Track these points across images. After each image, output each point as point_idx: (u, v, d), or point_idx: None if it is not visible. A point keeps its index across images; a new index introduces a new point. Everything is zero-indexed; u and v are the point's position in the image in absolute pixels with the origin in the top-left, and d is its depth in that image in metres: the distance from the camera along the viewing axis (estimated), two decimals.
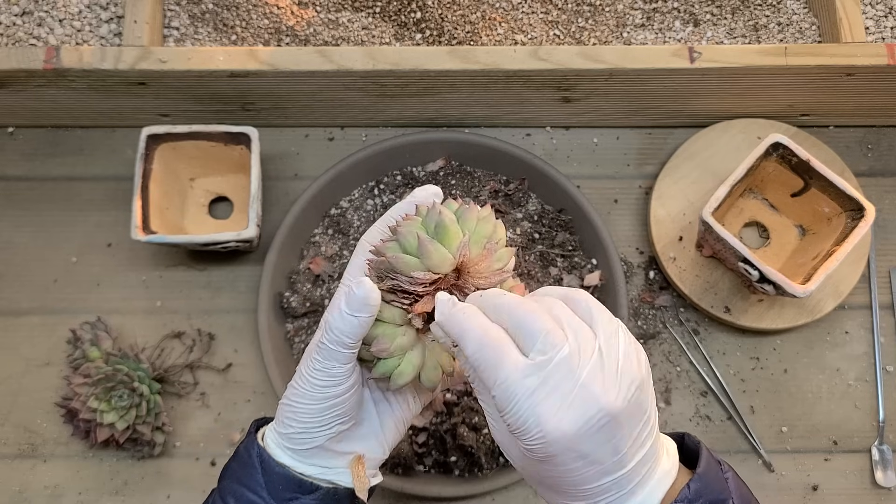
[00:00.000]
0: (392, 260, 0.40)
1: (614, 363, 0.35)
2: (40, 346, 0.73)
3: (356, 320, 0.40)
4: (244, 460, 0.44)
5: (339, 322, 0.40)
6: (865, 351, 0.75)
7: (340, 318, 0.40)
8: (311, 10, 0.79)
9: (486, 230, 0.41)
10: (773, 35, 0.79)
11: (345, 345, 0.40)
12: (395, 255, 0.40)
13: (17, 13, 0.76)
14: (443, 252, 0.39)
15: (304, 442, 0.43)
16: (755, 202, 0.76)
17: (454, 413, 0.67)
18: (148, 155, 0.70)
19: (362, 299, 0.39)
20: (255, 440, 0.44)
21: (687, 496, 0.36)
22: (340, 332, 0.40)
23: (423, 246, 0.39)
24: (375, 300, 0.40)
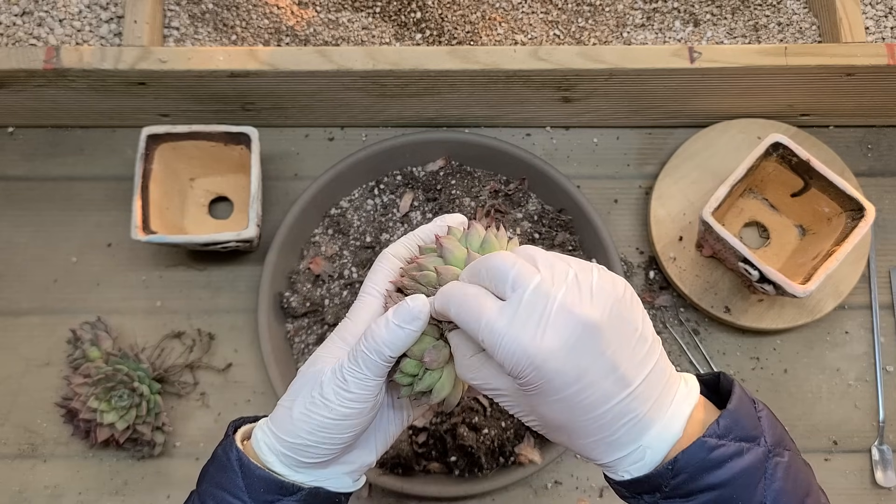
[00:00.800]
0: (442, 272, 0.40)
1: (588, 286, 0.36)
2: (40, 346, 0.73)
3: (403, 332, 0.39)
4: (223, 464, 0.43)
5: (384, 332, 0.39)
6: (865, 351, 0.75)
7: (386, 327, 0.39)
8: (311, 10, 0.79)
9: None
10: (773, 35, 0.79)
11: (383, 356, 0.40)
12: (444, 266, 0.41)
13: (17, 13, 0.76)
14: None
15: (313, 455, 0.42)
16: (755, 202, 0.76)
17: (454, 413, 0.67)
18: (148, 155, 0.71)
19: (415, 312, 0.39)
20: (234, 443, 0.43)
21: (716, 431, 0.36)
22: (383, 342, 0.39)
23: (473, 258, 0.40)
24: (427, 315, 0.40)
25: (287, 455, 0.42)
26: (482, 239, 0.42)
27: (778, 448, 0.37)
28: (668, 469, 0.36)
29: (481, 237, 0.42)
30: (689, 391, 0.38)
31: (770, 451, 0.37)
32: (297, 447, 0.42)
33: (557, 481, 0.71)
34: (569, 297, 0.35)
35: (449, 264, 0.41)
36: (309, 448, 0.41)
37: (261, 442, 0.43)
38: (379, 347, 0.40)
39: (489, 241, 0.42)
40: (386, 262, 0.44)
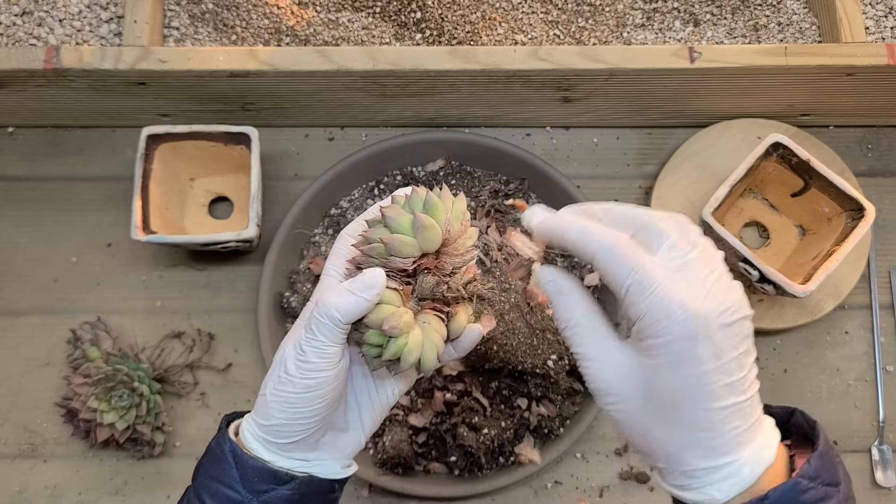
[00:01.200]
0: (388, 241, 0.40)
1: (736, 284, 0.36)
2: (40, 346, 0.73)
3: (354, 298, 0.39)
4: (217, 456, 0.43)
5: (337, 298, 0.39)
6: (865, 351, 0.75)
7: (337, 294, 0.39)
8: (311, 10, 0.79)
9: (462, 207, 0.43)
10: (773, 35, 0.79)
11: (337, 322, 0.39)
12: (390, 236, 0.40)
13: (17, 13, 0.76)
14: (435, 226, 0.41)
15: (287, 434, 0.42)
16: (755, 202, 0.76)
17: (454, 413, 0.67)
18: (148, 155, 0.70)
19: (369, 280, 0.39)
20: (227, 435, 0.44)
21: (808, 472, 0.35)
22: (336, 308, 0.39)
23: (418, 221, 0.40)
24: (382, 286, 0.40)
25: (267, 440, 0.42)
26: (423, 199, 0.41)
27: (851, 500, 0.37)
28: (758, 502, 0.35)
29: (422, 198, 0.41)
30: (772, 424, 0.38)
31: (847, 498, 0.36)
32: (273, 429, 0.42)
33: (557, 481, 0.71)
34: (725, 277, 0.35)
35: (395, 233, 0.40)
36: (283, 427, 0.42)
37: (245, 432, 0.44)
38: (329, 311, 0.39)
39: (431, 201, 0.41)
40: (343, 243, 0.44)
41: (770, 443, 0.36)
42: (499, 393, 0.68)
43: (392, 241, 0.40)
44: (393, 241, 0.40)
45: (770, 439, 0.36)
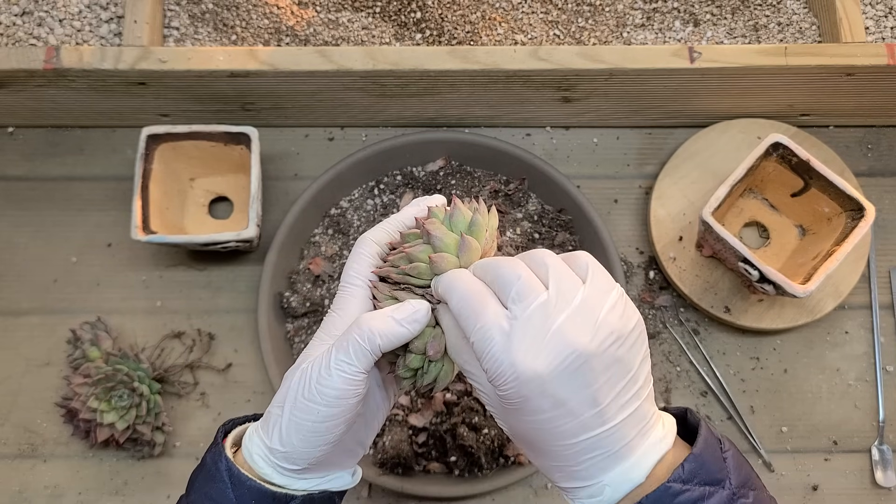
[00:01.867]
0: (436, 259, 0.40)
1: (595, 313, 0.35)
2: (40, 346, 0.73)
3: (401, 330, 0.38)
4: (212, 473, 0.41)
5: (382, 324, 0.38)
6: (865, 351, 0.75)
7: (384, 321, 0.38)
8: (311, 10, 0.79)
9: (495, 223, 0.43)
10: (773, 35, 0.79)
11: (376, 347, 0.38)
12: (438, 255, 0.40)
13: (17, 13, 0.76)
14: (479, 248, 0.41)
15: (304, 460, 0.40)
16: (755, 202, 0.76)
17: (454, 413, 0.67)
18: (148, 155, 0.71)
19: (419, 315, 0.39)
20: (223, 452, 0.41)
21: (681, 476, 0.35)
22: (379, 333, 0.38)
23: (466, 244, 0.40)
24: (425, 321, 0.39)
25: (282, 466, 0.41)
26: (469, 221, 0.41)
27: (743, 489, 0.36)
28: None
29: (467, 220, 0.41)
30: (665, 435, 0.38)
31: (735, 493, 0.36)
32: (289, 455, 0.40)
33: None
34: (569, 323, 0.34)
35: (439, 251, 0.40)
36: (302, 454, 0.40)
37: (254, 455, 0.41)
38: (374, 338, 0.38)
39: (477, 224, 0.41)
40: (367, 248, 0.43)
41: (644, 461, 0.36)
42: None
43: (439, 259, 0.40)
44: (440, 261, 0.40)
45: (648, 456, 0.36)
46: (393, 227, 0.44)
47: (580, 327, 0.35)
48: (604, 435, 0.35)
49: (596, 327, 0.35)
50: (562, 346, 0.34)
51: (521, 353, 0.34)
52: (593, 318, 0.35)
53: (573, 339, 0.34)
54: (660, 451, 0.37)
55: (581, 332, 0.34)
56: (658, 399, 0.73)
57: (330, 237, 0.75)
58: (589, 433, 0.35)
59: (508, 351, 0.35)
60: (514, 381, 0.35)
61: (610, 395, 0.35)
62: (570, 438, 0.35)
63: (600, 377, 0.35)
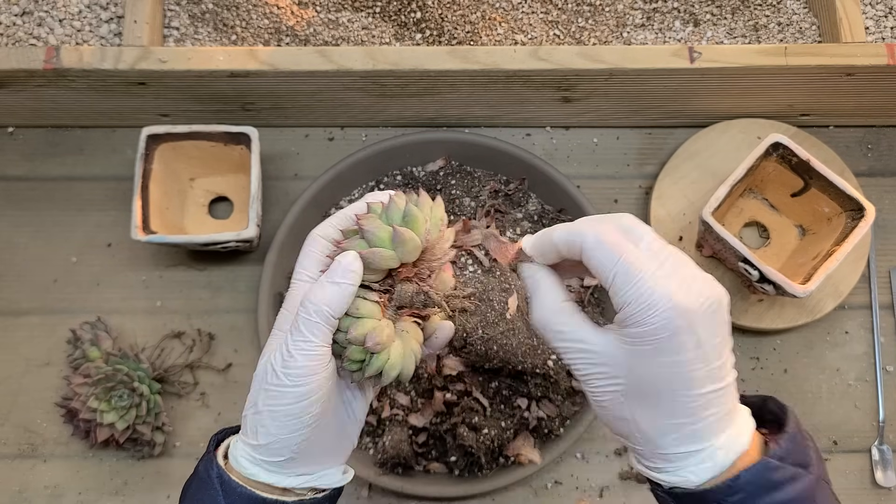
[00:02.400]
0: (367, 255, 0.39)
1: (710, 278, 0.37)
2: (40, 346, 0.73)
3: (338, 288, 0.38)
4: (203, 481, 0.41)
5: (320, 291, 0.38)
6: (865, 351, 0.75)
7: (320, 287, 0.38)
8: (311, 10, 0.79)
9: (440, 213, 0.42)
10: (773, 35, 0.79)
11: (324, 315, 0.38)
12: (370, 250, 0.39)
13: (17, 13, 0.76)
14: (416, 239, 0.40)
15: (286, 450, 0.40)
16: (755, 202, 0.76)
17: (454, 413, 0.67)
18: (148, 155, 0.71)
19: (345, 266, 0.38)
20: (215, 459, 0.41)
21: (777, 453, 0.36)
22: (321, 301, 0.38)
23: (399, 235, 0.39)
24: (359, 267, 0.39)
25: (266, 461, 0.41)
26: (402, 211, 0.40)
27: (824, 482, 0.38)
28: (729, 485, 0.36)
29: (401, 210, 0.40)
30: (748, 413, 0.39)
31: (819, 478, 0.37)
32: (270, 448, 0.40)
33: (557, 481, 0.71)
34: (701, 275, 0.37)
35: (374, 246, 0.39)
36: (280, 442, 0.40)
37: (239, 458, 0.41)
38: (318, 308, 0.38)
39: (411, 213, 0.40)
40: (315, 245, 0.43)
41: (745, 430, 0.37)
42: (499, 393, 0.68)
43: (371, 255, 0.39)
44: (372, 256, 0.39)
45: (745, 426, 0.38)
46: (339, 221, 0.43)
47: (707, 277, 0.37)
48: (722, 391, 0.36)
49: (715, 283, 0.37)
50: (705, 288, 0.36)
51: (673, 286, 0.35)
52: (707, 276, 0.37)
53: (710, 284, 0.36)
54: (751, 425, 0.38)
55: (711, 282, 0.37)
56: None
57: None
58: (714, 384, 0.36)
59: (659, 283, 0.35)
60: (667, 311, 0.35)
61: (725, 352, 0.37)
62: (699, 387, 0.36)
63: (720, 331, 0.36)
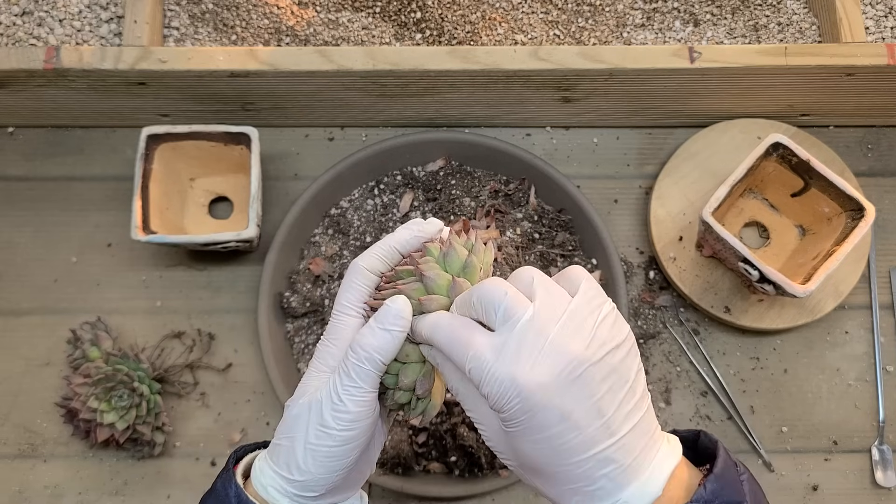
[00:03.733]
0: (425, 302, 0.40)
1: (586, 323, 0.35)
2: (40, 346, 0.73)
3: (390, 335, 0.38)
4: (221, 498, 0.41)
5: (372, 338, 0.38)
6: (865, 351, 0.75)
7: (373, 334, 0.38)
8: (311, 10, 0.79)
9: (490, 259, 0.42)
10: (773, 35, 0.79)
11: (376, 363, 0.38)
12: (428, 297, 0.40)
13: (17, 13, 0.76)
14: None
15: (321, 487, 0.40)
16: (755, 202, 0.76)
17: (454, 413, 0.67)
18: (148, 155, 0.71)
19: (398, 312, 0.38)
20: (234, 479, 0.41)
21: (703, 496, 0.35)
22: (373, 349, 0.38)
23: (457, 287, 0.40)
24: (409, 314, 0.39)
25: (298, 495, 0.40)
26: (463, 263, 0.41)
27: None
28: None
29: (462, 260, 0.41)
30: (672, 450, 0.37)
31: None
32: (306, 484, 0.40)
33: None
34: (562, 333, 0.35)
35: (431, 293, 0.40)
36: (318, 481, 0.40)
37: (268, 487, 0.41)
38: (370, 355, 0.38)
39: (472, 266, 0.41)
40: (359, 277, 0.42)
41: (661, 472, 0.36)
42: None
43: (429, 302, 0.40)
44: (430, 303, 0.40)
45: (660, 469, 0.36)
46: (384, 252, 0.43)
47: (574, 336, 0.35)
48: (613, 448, 0.35)
49: (590, 336, 0.35)
50: (559, 354, 0.34)
51: (519, 366, 0.34)
52: (586, 327, 0.35)
53: (569, 347, 0.34)
54: (670, 465, 0.36)
55: (575, 341, 0.35)
56: (658, 399, 0.73)
57: (330, 237, 0.75)
58: (598, 446, 0.35)
59: (506, 367, 0.34)
60: (517, 397, 0.34)
61: (613, 404, 0.35)
62: (580, 454, 0.35)
63: (601, 386, 0.35)
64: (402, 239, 0.43)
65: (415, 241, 0.43)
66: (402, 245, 0.43)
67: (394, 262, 0.43)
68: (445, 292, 0.40)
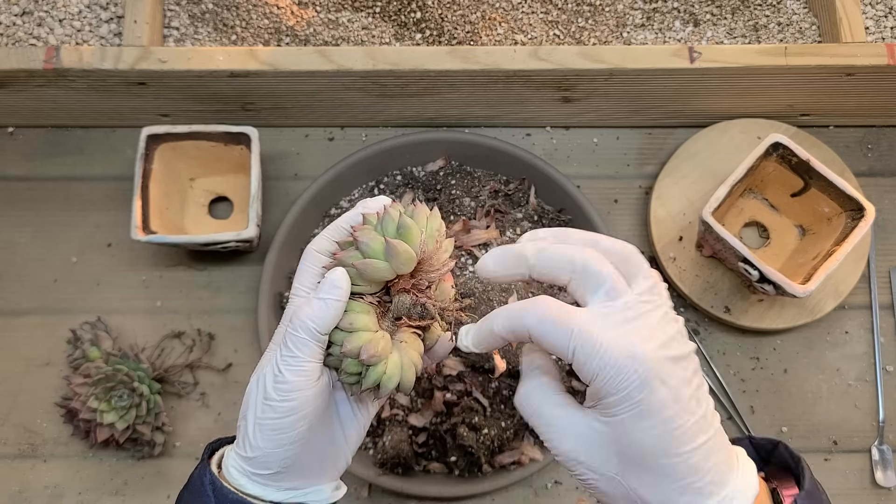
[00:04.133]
0: (360, 267, 0.39)
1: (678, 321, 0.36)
2: (40, 346, 0.73)
3: (323, 304, 0.38)
4: (197, 488, 0.41)
5: (307, 308, 0.38)
6: (865, 351, 0.75)
7: (307, 303, 0.38)
8: (311, 10, 0.79)
9: (436, 224, 0.42)
10: (773, 35, 0.79)
11: (313, 334, 0.38)
12: (363, 261, 0.39)
13: (17, 13, 0.76)
14: (409, 251, 0.39)
15: (274, 464, 0.40)
16: (755, 202, 0.76)
17: (454, 413, 0.67)
18: (148, 155, 0.71)
19: (331, 282, 0.38)
20: (208, 467, 0.41)
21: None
22: (310, 318, 0.38)
23: (391, 248, 0.39)
24: (346, 284, 0.39)
25: (255, 472, 0.40)
26: (397, 223, 0.40)
27: None
28: None
29: (395, 221, 0.40)
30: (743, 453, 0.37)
31: None
32: (258, 461, 0.40)
33: (557, 481, 0.71)
34: (668, 316, 0.35)
35: (368, 258, 0.39)
36: (269, 456, 0.40)
37: (230, 468, 0.41)
38: (304, 324, 0.38)
39: (405, 225, 0.39)
40: (311, 260, 0.42)
41: (750, 473, 0.35)
42: (499, 393, 0.68)
43: (364, 266, 0.39)
44: (365, 267, 0.39)
45: (748, 470, 0.36)
46: (333, 233, 0.42)
47: (672, 317, 0.35)
48: (715, 438, 0.34)
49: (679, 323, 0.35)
50: (666, 331, 0.34)
51: (632, 341, 0.33)
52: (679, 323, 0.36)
53: (672, 326, 0.35)
54: (753, 467, 0.36)
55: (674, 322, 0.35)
56: None
57: None
58: (706, 434, 0.34)
59: (619, 341, 0.33)
60: (636, 370, 0.32)
61: (704, 398, 0.35)
62: (692, 441, 0.33)
63: (696, 375, 0.35)
64: (349, 217, 0.42)
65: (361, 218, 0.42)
66: (347, 223, 0.42)
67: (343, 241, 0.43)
68: (382, 256, 0.39)
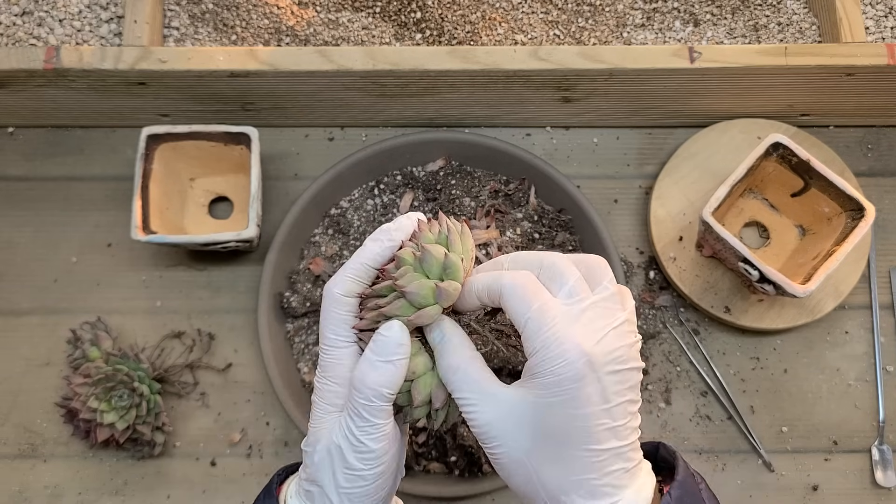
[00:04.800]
0: (416, 320, 0.38)
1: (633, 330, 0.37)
2: (40, 346, 0.73)
3: (392, 367, 0.37)
4: None
5: (374, 374, 0.37)
6: (865, 351, 0.75)
7: (373, 369, 0.37)
8: (311, 10, 0.79)
9: (470, 244, 0.41)
10: (773, 35, 0.79)
11: (385, 398, 0.38)
12: (417, 314, 0.38)
13: (17, 13, 0.76)
14: (458, 286, 0.39)
15: None
16: (755, 202, 0.76)
17: None
18: (148, 155, 0.71)
19: (396, 341, 0.37)
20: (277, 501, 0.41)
21: (668, 502, 0.36)
22: (378, 385, 0.37)
23: (442, 292, 0.38)
24: (407, 339, 0.38)
25: None
26: (442, 265, 0.38)
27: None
28: None
29: (441, 262, 0.38)
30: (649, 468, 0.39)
31: None
32: None
33: None
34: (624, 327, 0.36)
35: (419, 306, 0.38)
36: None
37: None
38: (377, 391, 0.37)
39: (452, 265, 0.38)
40: (339, 306, 0.40)
41: (647, 486, 0.37)
42: None
43: (419, 318, 0.38)
44: (420, 319, 0.38)
45: (647, 483, 0.37)
46: (357, 272, 0.40)
47: (627, 333, 0.36)
48: (624, 448, 0.36)
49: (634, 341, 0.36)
50: (616, 342, 0.35)
51: (588, 335, 0.35)
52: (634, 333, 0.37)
53: (624, 340, 0.36)
54: (653, 480, 0.38)
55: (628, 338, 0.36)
56: (658, 399, 0.73)
57: (330, 237, 0.75)
58: (619, 442, 0.36)
59: (570, 331, 0.35)
60: (576, 362, 0.34)
61: (630, 413, 0.36)
62: (605, 443, 0.35)
63: (629, 391, 0.36)
64: (373, 253, 0.40)
65: (387, 252, 0.40)
66: (373, 261, 0.40)
67: (369, 279, 0.40)
68: (432, 300, 0.38)
